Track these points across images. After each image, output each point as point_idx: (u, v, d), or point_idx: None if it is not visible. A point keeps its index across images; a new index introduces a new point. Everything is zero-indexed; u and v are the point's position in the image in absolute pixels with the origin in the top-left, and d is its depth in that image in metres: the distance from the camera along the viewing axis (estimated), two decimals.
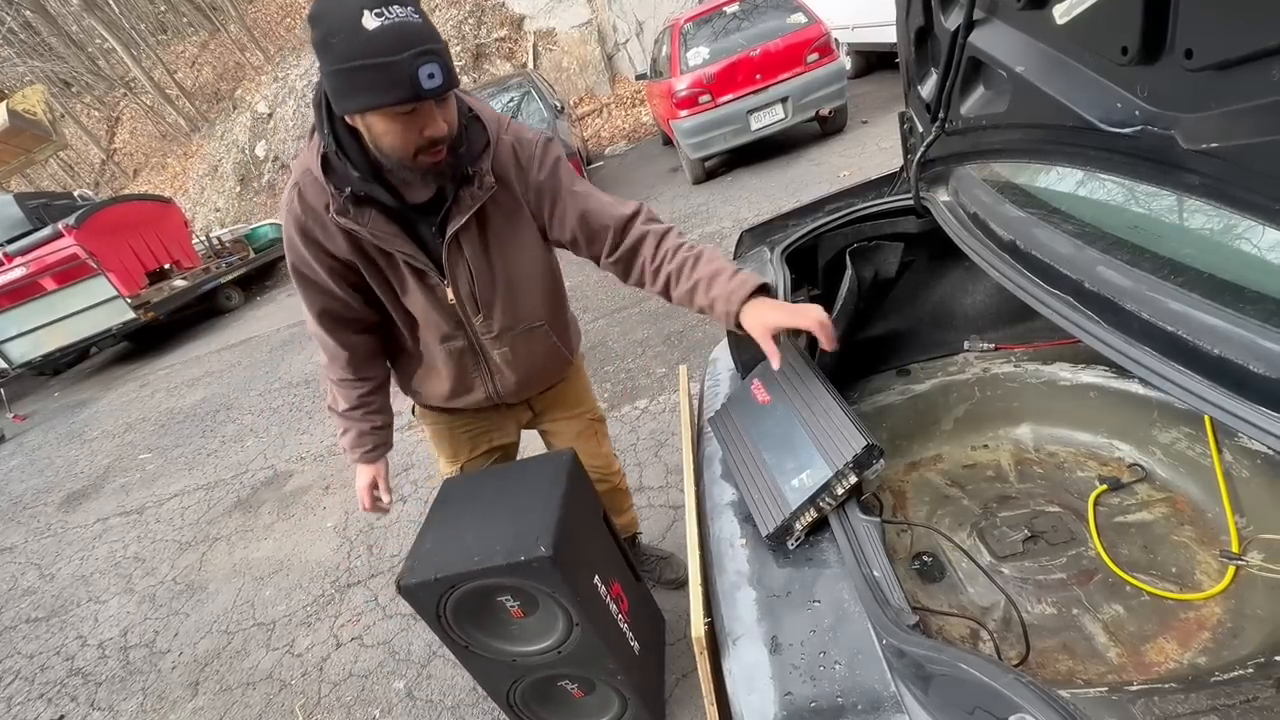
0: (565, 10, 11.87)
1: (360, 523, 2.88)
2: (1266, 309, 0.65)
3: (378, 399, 1.37)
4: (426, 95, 0.90)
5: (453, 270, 1.16)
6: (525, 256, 1.22)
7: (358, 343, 1.28)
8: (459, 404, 1.40)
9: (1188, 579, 1.14)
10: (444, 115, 0.98)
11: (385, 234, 1.09)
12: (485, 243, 1.16)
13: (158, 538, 3.42)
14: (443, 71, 0.90)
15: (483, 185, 1.10)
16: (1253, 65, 0.62)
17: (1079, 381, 1.44)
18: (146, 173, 17.06)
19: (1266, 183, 0.64)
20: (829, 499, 0.88)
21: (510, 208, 1.16)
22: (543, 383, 1.46)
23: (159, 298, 7.70)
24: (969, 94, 1.19)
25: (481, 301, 1.21)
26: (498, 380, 1.35)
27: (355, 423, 1.34)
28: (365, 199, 1.06)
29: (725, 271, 1.09)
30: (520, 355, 1.32)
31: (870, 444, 0.86)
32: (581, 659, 1.30)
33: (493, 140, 1.12)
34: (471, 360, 1.31)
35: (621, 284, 1.27)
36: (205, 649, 2.44)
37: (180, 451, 4.54)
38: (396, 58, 0.86)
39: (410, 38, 0.87)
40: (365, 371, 1.33)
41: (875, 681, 0.72)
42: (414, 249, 1.12)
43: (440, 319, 1.22)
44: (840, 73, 5.75)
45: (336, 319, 1.23)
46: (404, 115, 0.93)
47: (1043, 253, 0.95)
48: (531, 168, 1.15)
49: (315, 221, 1.10)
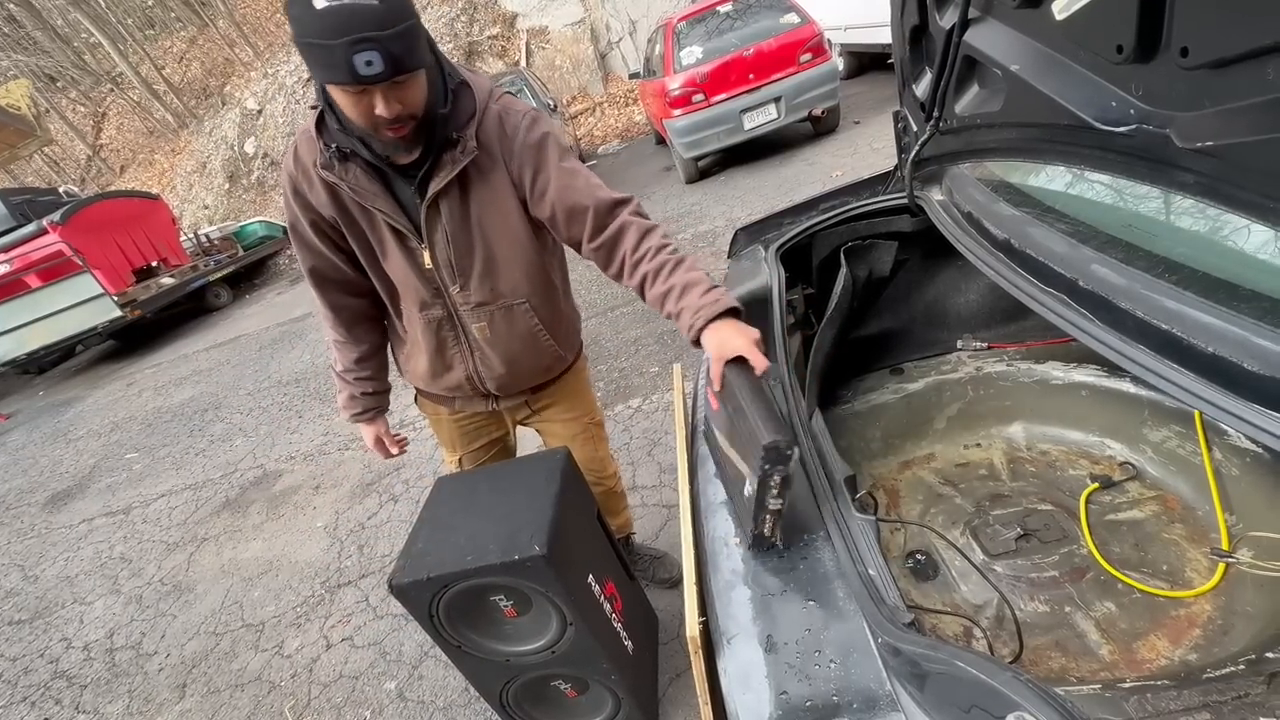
0: (558, 8, 11.83)
1: (350, 523, 2.86)
2: (1260, 307, 0.65)
3: (371, 365, 1.41)
4: (364, 81, 0.91)
5: (430, 233, 1.16)
6: (505, 227, 1.21)
7: (348, 305, 1.32)
8: (442, 387, 1.39)
9: (1178, 576, 1.15)
10: (399, 97, 0.97)
11: (366, 190, 1.11)
12: (465, 208, 1.16)
13: (144, 538, 3.38)
14: (384, 59, 0.90)
15: (464, 150, 1.10)
16: (1248, 64, 0.62)
17: (1071, 380, 1.45)
18: (133, 169, 16.85)
19: (1261, 180, 0.64)
20: (772, 499, 0.86)
21: (493, 176, 1.15)
22: (530, 374, 1.41)
23: (146, 296, 7.60)
24: (964, 93, 1.19)
25: (459, 268, 1.20)
26: (478, 360, 1.33)
27: (348, 385, 1.41)
28: (350, 155, 1.09)
29: (700, 285, 1.07)
30: (499, 333, 1.29)
31: (768, 443, 0.81)
32: (575, 659, 1.29)
33: (479, 108, 1.12)
34: (450, 333, 1.29)
35: (615, 283, 1.25)
36: (193, 651, 2.40)
37: (168, 451, 4.48)
38: (333, 43, 0.88)
39: (350, 23, 0.87)
40: (357, 334, 1.37)
41: (870, 680, 0.71)
42: (393, 208, 1.14)
43: (419, 284, 1.22)
44: (833, 73, 5.77)
45: (325, 279, 1.28)
46: (355, 94, 0.95)
47: (1037, 251, 0.96)
48: (516, 136, 1.15)
49: (304, 176, 1.14)
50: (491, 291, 1.24)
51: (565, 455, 1.40)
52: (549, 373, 1.45)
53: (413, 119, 1.02)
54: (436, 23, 12.37)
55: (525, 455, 1.49)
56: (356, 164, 1.10)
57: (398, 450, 1.53)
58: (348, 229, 1.18)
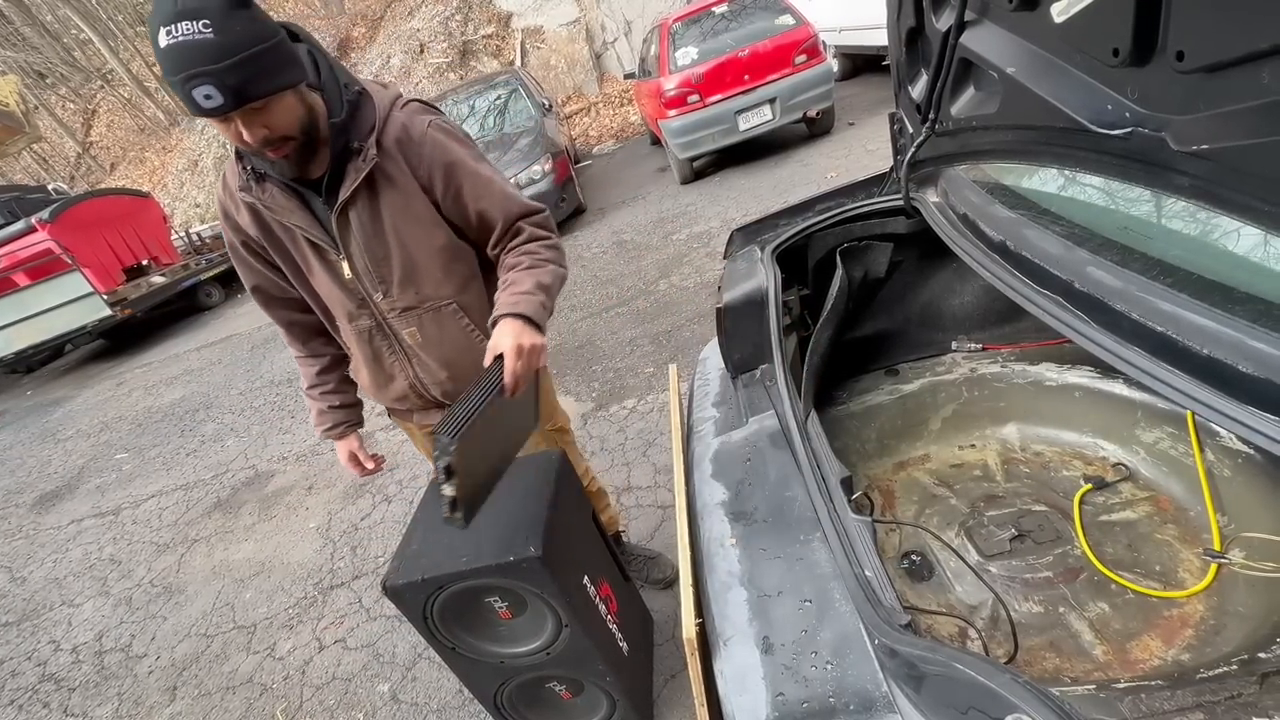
0: (553, 8, 11.82)
1: (344, 524, 2.84)
2: (1255, 309, 0.66)
3: (333, 377, 1.43)
4: (206, 115, 0.93)
5: (345, 244, 1.18)
6: (420, 231, 1.21)
7: (297, 320, 1.36)
8: (390, 399, 1.40)
9: (1171, 577, 1.16)
10: (261, 121, 0.98)
11: (282, 208, 1.14)
12: (376, 216, 1.17)
13: (134, 539, 3.35)
14: (222, 92, 0.91)
15: (365, 158, 1.11)
16: (1244, 68, 0.62)
17: (1064, 382, 1.45)
18: (124, 167, 16.71)
19: (1257, 184, 0.64)
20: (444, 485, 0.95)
21: (401, 182, 1.16)
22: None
23: (136, 294, 7.54)
24: (959, 95, 1.19)
25: (378, 275, 1.21)
26: (417, 367, 1.32)
27: (314, 401, 1.43)
28: (265, 175, 1.12)
29: (520, 285, 1.14)
30: (431, 337, 1.29)
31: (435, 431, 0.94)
32: (570, 660, 1.29)
33: (381, 116, 1.13)
34: (384, 342, 1.30)
35: (611, 284, 1.26)
36: (183, 653, 2.38)
37: (158, 451, 4.45)
38: (174, 79, 0.91)
39: (183, 60, 0.89)
40: (313, 348, 1.40)
41: (867, 681, 0.71)
42: (309, 222, 1.16)
43: (343, 296, 1.24)
44: (828, 74, 5.78)
45: (270, 296, 1.32)
46: (220, 121, 0.97)
47: (1033, 253, 0.96)
48: (424, 143, 1.16)
49: (231, 200, 1.19)
50: (416, 295, 1.25)
51: (560, 456, 1.39)
52: None
53: (286, 140, 1.03)
54: (431, 22, 12.34)
55: (519, 457, 1.49)
56: (272, 183, 1.13)
57: (373, 466, 1.50)
58: (273, 249, 1.22)
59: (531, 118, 6.76)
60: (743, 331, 1.32)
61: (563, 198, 6.09)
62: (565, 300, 4.53)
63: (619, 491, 2.44)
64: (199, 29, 0.89)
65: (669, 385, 1.45)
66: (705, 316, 3.57)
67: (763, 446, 1.11)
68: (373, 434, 3.52)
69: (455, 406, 0.99)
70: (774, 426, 1.14)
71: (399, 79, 12.05)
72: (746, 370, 1.35)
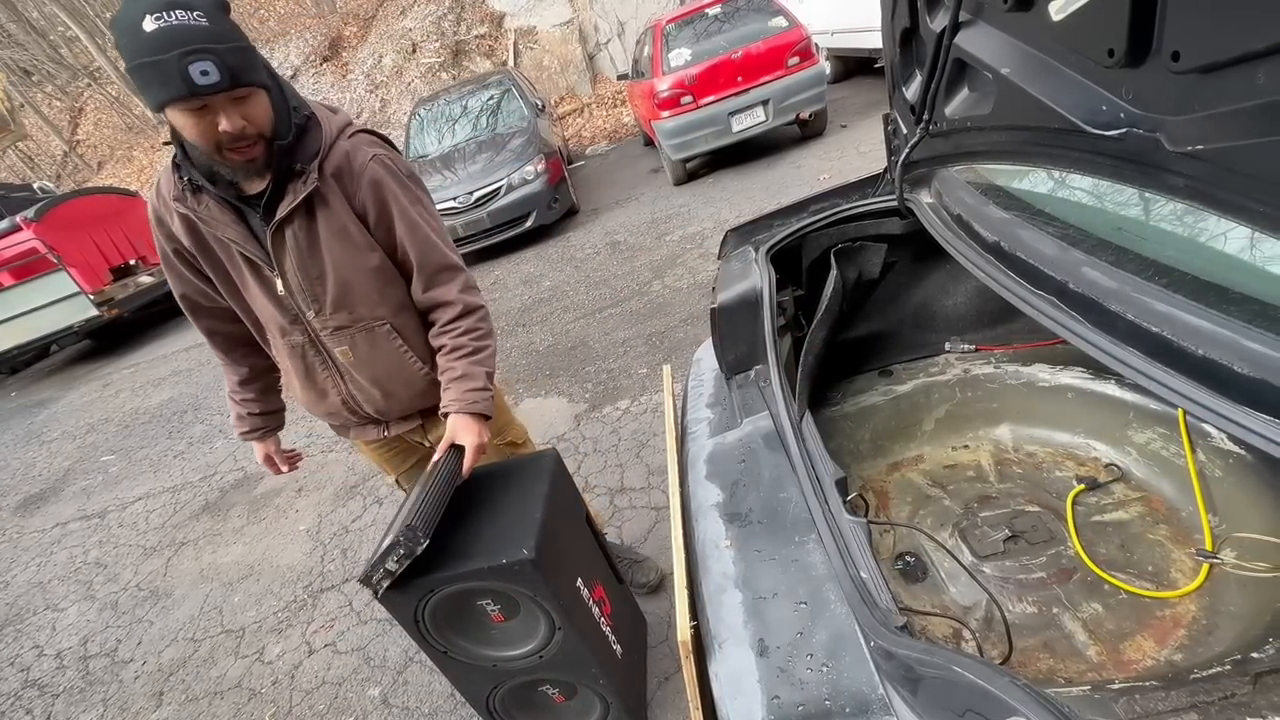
0: (546, 9, 11.80)
1: (334, 526, 2.82)
2: (1251, 310, 0.66)
3: (253, 388, 1.45)
4: (200, 91, 0.93)
5: (279, 260, 1.18)
6: (355, 255, 1.22)
7: (222, 330, 1.36)
8: (323, 413, 1.41)
9: (1164, 577, 1.16)
10: (242, 112, 1.00)
11: (217, 221, 1.14)
12: (312, 236, 1.18)
13: (121, 542, 3.30)
14: (220, 69, 0.93)
15: (306, 181, 1.12)
16: (1239, 68, 0.62)
17: (1057, 383, 1.46)
18: (111, 165, 16.51)
19: (1251, 185, 0.64)
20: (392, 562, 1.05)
21: (337, 207, 1.18)
22: (408, 400, 1.38)
23: (124, 294, 7.44)
24: (954, 96, 1.19)
25: (311, 294, 1.22)
26: (349, 383, 1.33)
27: (235, 405, 1.46)
28: (201, 188, 1.12)
29: (473, 380, 1.26)
30: (363, 356, 1.29)
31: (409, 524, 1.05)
32: (563, 663, 1.28)
33: (326, 143, 1.15)
34: (316, 358, 1.31)
35: (603, 285, 1.26)
36: (170, 658, 2.35)
37: (145, 453, 4.39)
38: (164, 56, 0.90)
39: (181, 38, 0.90)
40: (235, 358, 1.40)
41: (863, 684, 0.71)
42: (244, 236, 1.16)
43: (276, 312, 1.24)
44: (820, 76, 5.80)
45: (196, 305, 1.32)
46: (195, 111, 0.97)
47: (1027, 254, 0.96)
48: (363, 174, 1.18)
49: (164, 208, 1.17)
50: (349, 315, 1.26)
51: (554, 456, 1.38)
52: (430, 399, 1.39)
53: (261, 138, 1.04)
54: (424, 21, 12.29)
55: (511, 458, 1.48)
56: (209, 196, 1.13)
57: (288, 468, 1.54)
58: (205, 260, 1.21)
59: (524, 118, 6.74)
60: (737, 332, 1.32)
61: (556, 198, 6.08)
62: (558, 301, 4.52)
63: (612, 493, 2.43)
64: (193, 17, 0.92)
65: (663, 386, 1.45)
66: (699, 317, 3.57)
67: (757, 448, 1.10)
68: None
69: (421, 496, 1.10)
70: (768, 427, 1.14)
71: (391, 79, 11.99)
72: (741, 371, 1.35)
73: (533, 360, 3.70)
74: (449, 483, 1.16)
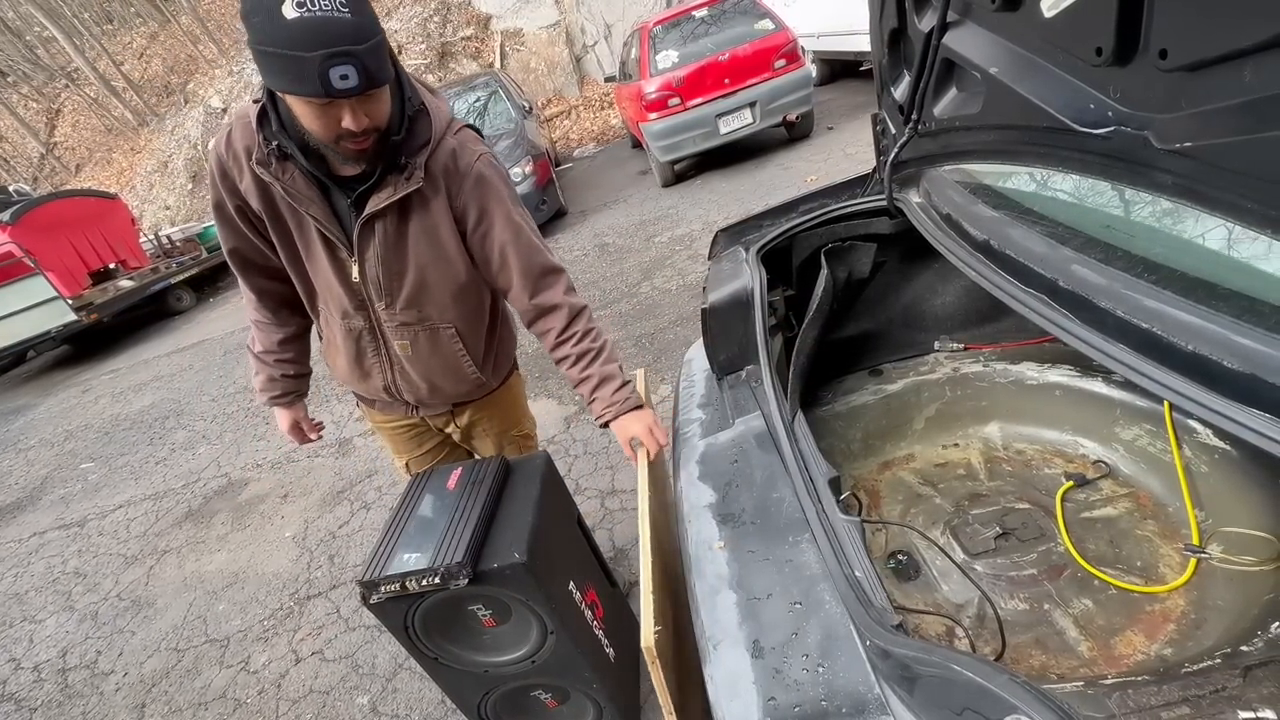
0: (533, 11, 11.78)
1: (321, 532, 2.78)
2: (1239, 305, 0.66)
3: (293, 349, 1.40)
4: (337, 95, 0.89)
5: (362, 249, 1.14)
6: (441, 256, 1.20)
7: (270, 289, 1.30)
8: (362, 390, 1.39)
9: (1152, 572, 1.17)
10: (366, 110, 0.96)
11: (301, 195, 1.08)
12: (402, 232, 1.15)
13: (101, 551, 3.23)
14: (360, 73, 0.88)
15: (411, 177, 1.09)
16: (1225, 66, 0.63)
17: (1045, 381, 1.47)
18: (90, 168, 16.24)
19: (1238, 181, 0.65)
20: (416, 582, 1.07)
21: (435, 206, 1.14)
22: (450, 396, 1.40)
23: (103, 299, 7.32)
24: (942, 95, 1.20)
25: (387, 288, 1.19)
26: (397, 373, 1.31)
27: (267, 367, 1.39)
28: (290, 156, 1.05)
29: (615, 380, 1.27)
30: (421, 353, 1.28)
31: (454, 563, 1.06)
32: (556, 668, 1.26)
33: (435, 139, 1.11)
34: (370, 344, 1.28)
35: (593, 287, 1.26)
36: (152, 669, 2.30)
37: (126, 460, 4.31)
38: (307, 55, 0.85)
39: (326, 36, 0.85)
40: (282, 317, 1.35)
41: (859, 684, 0.70)
42: (328, 216, 1.11)
43: (343, 294, 1.20)
44: (807, 79, 5.84)
45: (249, 262, 1.25)
46: (319, 105, 0.92)
47: (1017, 252, 0.96)
48: (469, 175, 1.15)
49: (235, 163, 1.10)
50: (418, 313, 1.23)
51: (545, 459, 1.37)
52: (469, 395, 1.43)
53: (377, 131, 1.01)
54: (409, 23, 12.22)
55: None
56: (295, 166, 1.06)
57: (315, 436, 1.51)
58: (273, 226, 1.15)
59: (511, 120, 6.72)
60: (728, 332, 1.31)
61: (544, 200, 6.06)
62: None
63: (603, 495, 2.42)
64: (337, 7, 0.85)
65: (638, 388, 1.45)
66: (688, 319, 3.57)
67: (749, 448, 1.10)
68: (351, 440, 3.45)
69: (465, 512, 1.16)
70: (760, 427, 1.13)
71: None
72: (732, 371, 1.34)
73: (523, 363, 3.66)
74: (494, 500, 1.19)
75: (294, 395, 1.44)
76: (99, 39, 17.18)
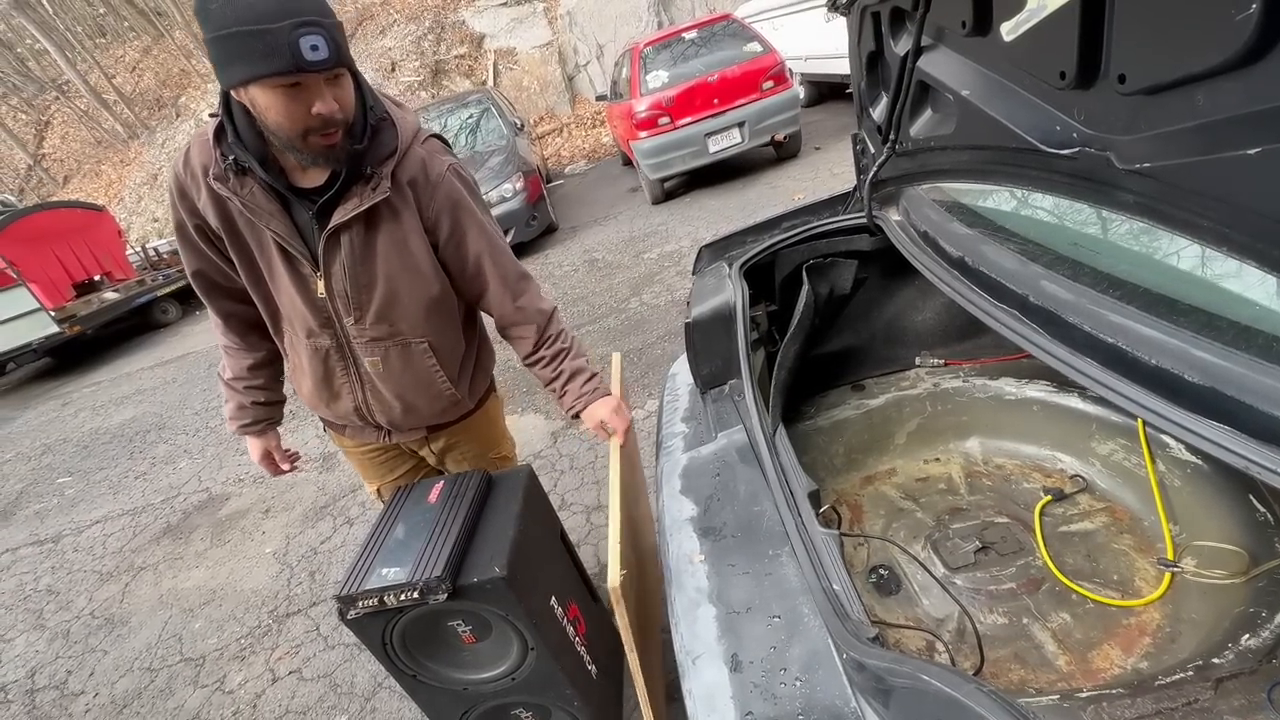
0: (526, 31, 11.93)
1: (302, 548, 2.73)
2: (1198, 320, 0.68)
3: (263, 375, 1.35)
4: (309, 68, 0.87)
5: (328, 263, 1.11)
6: (412, 268, 1.16)
7: (237, 312, 1.26)
8: (331, 414, 1.34)
9: (1128, 586, 1.18)
10: (335, 94, 0.94)
11: (260, 209, 1.04)
12: (370, 244, 1.11)
13: (75, 568, 3.16)
14: (329, 45, 0.87)
15: (377, 188, 1.06)
16: (1180, 90, 0.65)
17: (1023, 396, 1.49)
18: (78, 180, 16.14)
19: (1195, 200, 0.67)
20: (393, 596, 1.07)
21: (405, 217, 1.12)
22: (424, 415, 1.35)
23: (87, 311, 7.24)
24: (918, 116, 1.23)
25: (355, 302, 1.15)
26: (368, 392, 1.27)
27: (237, 394, 1.34)
28: (248, 170, 1.02)
29: (584, 373, 1.33)
30: (393, 370, 1.23)
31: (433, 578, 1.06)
32: (537, 685, 1.25)
33: (401, 148, 1.09)
34: (340, 364, 1.24)
35: (583, 301, 1.27)
36: (125, 689, 2.24)
37: (104, 475, 4.23)
38: (274, 25, 0.83)
39: (292, 6, 0.84)
40: (250, 341, 1.31)
41: (836, 697, 0.70)
42: (289, 231, 1.07)
43: (307, 311, 1.15)
44: (794, 100, 5.95)
45: (213, 284, 1.22)
46: (288, 89, 0.90)
47: (990, 269, 0.98)
48: (439, 185, 1.13)
49: (193, 181, 1.07)
50: (389, 328, 1.20)
51: (528, 472, 1.37)
52: (445, 415, 1.38)
53: (346, 124, 0.98)
54: (404, 41, 12.34)
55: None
56: (254, 181, 1.03)
57: (288, 467, 1.45)
58: (231, 243, 1.11)
59: (503, 136, 6.78)
60: (711, 347, 1.33)
61: (534, 216, 6.10)
62: None
63: (589, 510, 2.41)
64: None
65: (613, 377, 1.49)
66: (676, 334, 3.58)
67: (731, 461, 1.11)
68: (335, 455, 3.42)
69: (445, 526, 1.17)
70: (742, 441, 1.14)
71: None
72: (715, 385, 1.35)
73: (510, 377, 3.67)
74: (475, 513, 1.21)
75: (265, 423, 1.39)
76: (91, 52, 17.17)
